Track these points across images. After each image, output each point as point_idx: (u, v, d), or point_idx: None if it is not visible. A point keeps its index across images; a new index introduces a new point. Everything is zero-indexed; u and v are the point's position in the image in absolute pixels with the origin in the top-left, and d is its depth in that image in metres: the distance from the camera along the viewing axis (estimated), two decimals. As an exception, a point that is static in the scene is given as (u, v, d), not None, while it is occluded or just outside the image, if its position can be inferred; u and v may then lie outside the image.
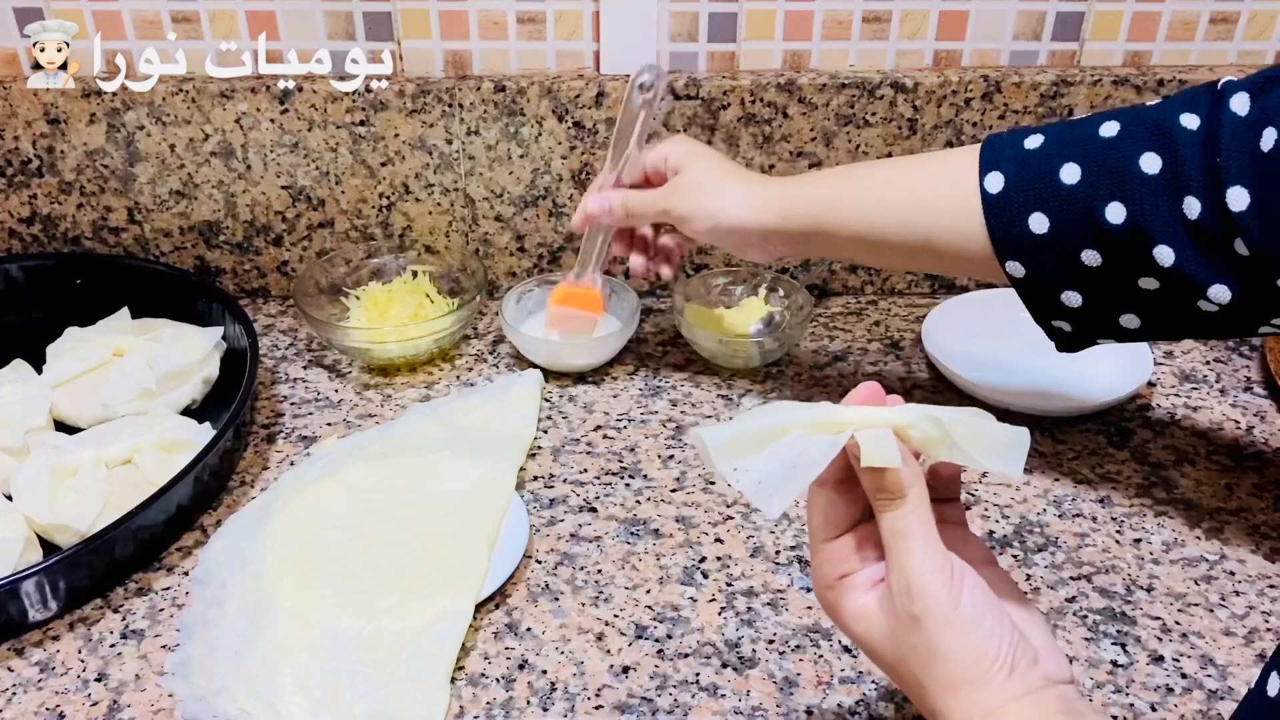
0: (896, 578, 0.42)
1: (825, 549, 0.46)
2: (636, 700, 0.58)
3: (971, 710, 0.41)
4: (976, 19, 0.87)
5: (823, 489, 0.45)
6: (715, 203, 0.70)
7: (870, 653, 0.45)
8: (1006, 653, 0.41)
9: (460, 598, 0.62)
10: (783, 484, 0.42)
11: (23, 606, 0.61)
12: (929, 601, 0.41)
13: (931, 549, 0.42)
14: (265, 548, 0.66)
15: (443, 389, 0.85)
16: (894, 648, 0.43)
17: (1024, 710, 0.41)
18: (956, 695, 0.41)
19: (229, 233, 0.93)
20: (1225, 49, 0.89)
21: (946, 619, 0.41)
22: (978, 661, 0.41)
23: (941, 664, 0.41)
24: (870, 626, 0.44)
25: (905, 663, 0.43)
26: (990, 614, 0.42)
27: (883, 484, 0.43)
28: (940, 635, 0.41)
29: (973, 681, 0.41)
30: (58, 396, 0.78)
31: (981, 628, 0.41)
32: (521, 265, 0.95)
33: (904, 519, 0.43)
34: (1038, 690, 0.41)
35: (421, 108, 0.86)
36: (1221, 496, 0.73)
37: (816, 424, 0.43)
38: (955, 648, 0.41)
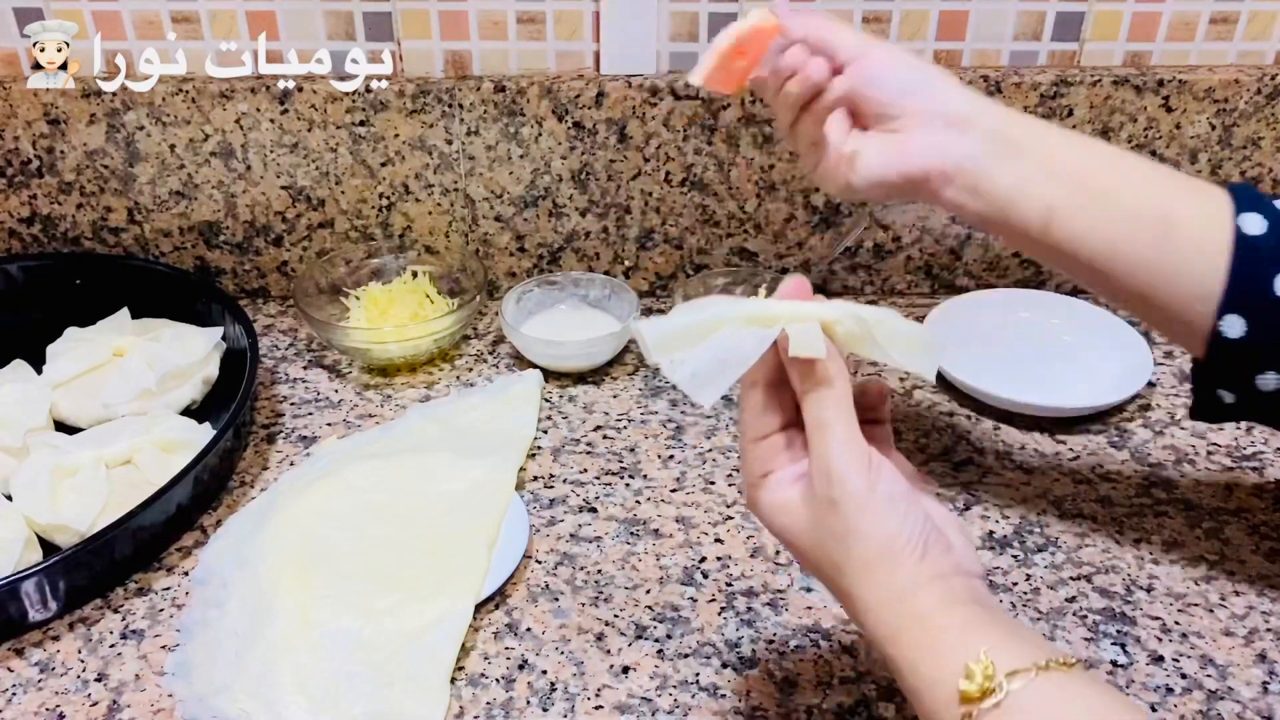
0: (817, 465, 0.44)
1: (754, 448, 0.47)
2: (636, 700, 0.58)
3: (883, 590, 0.43)
4: (976, 19, 0.87)
5: (755, 389, 0.47)
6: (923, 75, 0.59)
7: (791, 544, 0.47)
8: (919, 537, 0.44)
9: (460, 598, 0.62)
10: (715, 376, 0.45)
11: (23, 606, 0.61)
12: (846, 485, 0.43)
13: (851, 439, 0.44)
14: (265, 548, 0.66)
15: (443, 389, 0.85)
16: (813, 535, 0.45)
17: (933, 592, 0.43)
18: (871, 575, 0.43)
19: (229, 233, 0.93)
20: (1225, 49, 0.89)
21: (862, 502, 0.43)
22: (891, 543, 0.43)
23: (857, 544, 0.43)
24: (791, 518, 0.46)
25: (824, 548, 0.45)
26: (904, 501, 0.44)
27: (809, 375, 0.45)
28: (856, 517, 0.43)
29: (886, 562, 0.43)
30: (58, 396, 0.78)
31: (896, 512, 0.44)
32: (521, 265, 0.95)
33: (827, 410, 0.44)
34: (948, 576, 0.43)
35: (421, 108, 0.86)
36: (1221, 497, 0.73)
37: (749, 318, 0.45)
38: (870, 529, 0.43)
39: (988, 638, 0.41)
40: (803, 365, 0.45)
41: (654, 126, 0.87)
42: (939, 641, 0.42)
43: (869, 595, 0.44)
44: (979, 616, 0.42)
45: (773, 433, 0.47)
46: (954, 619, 0.42)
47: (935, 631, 0.42)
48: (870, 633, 0.44)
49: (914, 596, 0.43)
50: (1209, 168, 0.91)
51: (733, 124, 0.87)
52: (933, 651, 0.42)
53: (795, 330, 0.45)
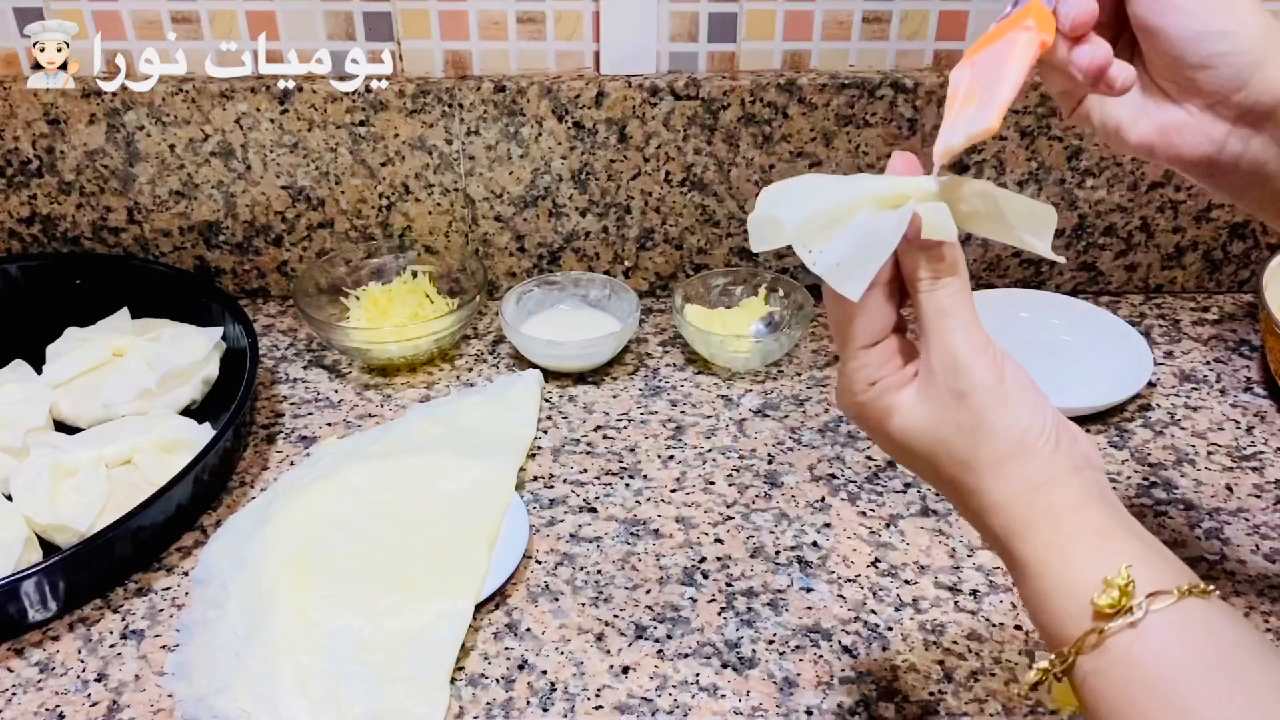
0: (940, 356, 0.42)
1: (862, 355, 0.44)
2: (636, 700, 0.58)
3: (1019, 483, 0.41)
4: (977, 19, 0.87)
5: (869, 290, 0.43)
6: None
7: (904, 449, 0.44)
8: (1051, 426, 0.41)
9: (460, 598, 0.62)
10: (859, 264, 0.42)
11: (22, 606, 0.61)
12: (975, 375, 0.41)
13: (976, 328, 0.42)
14: (265, 548, 0.66)
15: (443, 389, 0.85)
16: (935, 432, 0.42)
17: (1072, 486, 0.41)
18: (1004, 469, 0.41)
19: (229, 233, 0.93)
20: (1225, 49, 0.88)
21: (993, 392, 0.41)
22: (1024, 435, 0.41)
23: (989, 439, 0.41)
24: (909, 417, 0.43)
25: (948, 445, 0.42)
26: (1032, 391, 0.42)
27: (937, 260, 0.42)
28: (987, 409, 0.41)
29: (1020, 455, 0.41)
30: (58, 396, 0.78)
31: (1026, 401, 0.41)
32: (521, 265, 0.95)
33: (951, 296, 0.42)
34: (1082, 469, 0.41)
35: (421, 108, 0.86)
36: (1221, 497, 0.73)
37: (880, 199, 0.42)
38: (1002, 420, 0.41)
39: (1129, 550, 0.39)
40: (929, 250, 0.42)
41: (654, 126, 0.87)
42: (1075, 544, 0.40)
43: (1000, 490, 0.41)
44: (1117, 523, 0.40)
45: (885, 337, 0.44)
46: (1091, 521, 0.40)
47: (1070, 533, 0.40)
48: (995, 532, 0.42)
49: (1050, 489, 0.40)
50: (1209, 168, 0.91)
51: (733, 124, 0.87)
52: (1068, 553, 0.40)
53: (927, 210, 0.42)
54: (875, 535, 0.69)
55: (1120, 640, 0.37)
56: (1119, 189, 0.91)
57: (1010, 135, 0.89)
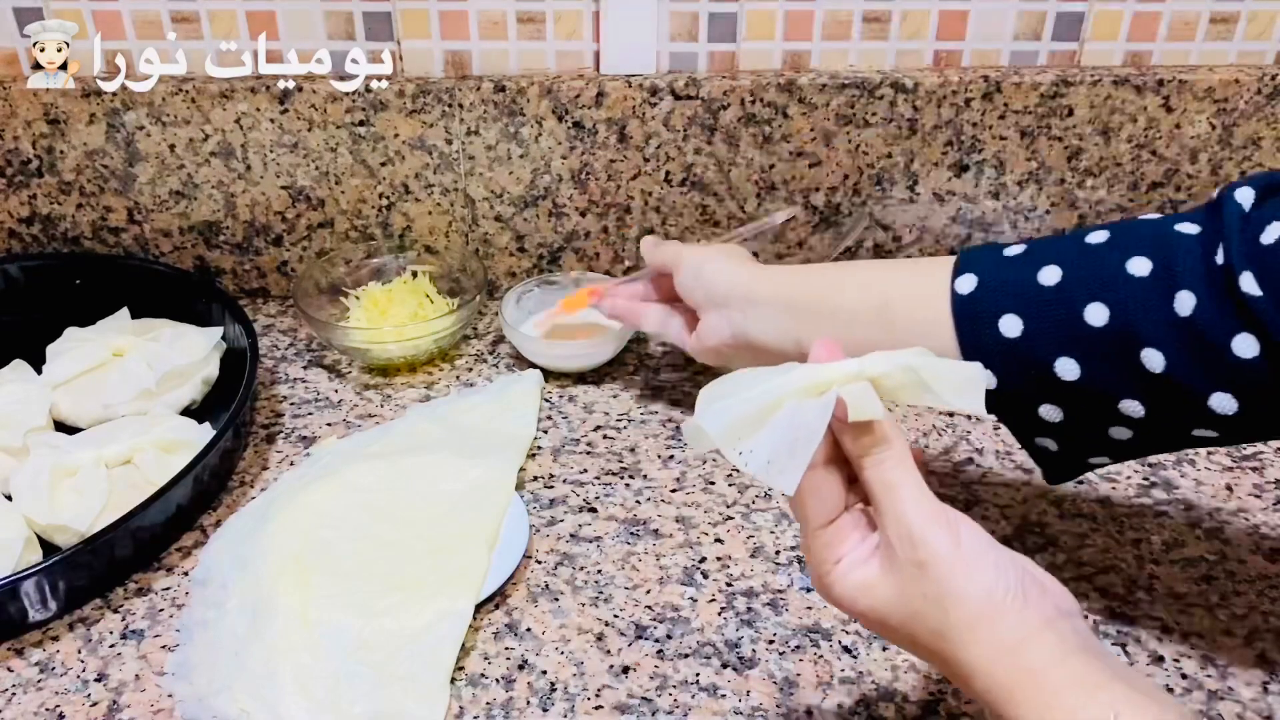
0: (895, 530, 0.42)
1: (822, 535, 0.45)
2: (636, 700, 0.58)
3: (994, 648, 0.41)
4: (976, 19, 0.87)
5: (812, 473, 0.44)
6: (703, 255, 0.70)
7: (881, 625, 0.44)
8: (1016, 583, 0.41)
9: (460, 598, 0.62)
10: (790, 457, 0.43)
11: (22, 607, 0.61)
12: (932, 545, 0.41)
13: (924, 496, 0.43)
14: (265, 548, 0.66)
15: (443, 389, 0.85)
16: (904, 605, 0.43)
17: (1046, 642, 0.40)
18: (976, 636, 0.41)
19: (229, 233, 0.93)
20: (1225, 49, 0.89)
21: (952, 559, 0.41)
22: (990, 595, 0.41)
23: (956, 606, 0.41)
24: (876, 594, 0.43)
25: (920, 618, 0.42)
26: (992, 550, 0.42)
27: (867, 437, 0.43)
28: (949, 577, 0.41)
29: (990, 617, 0.41)
30: (57, 396, 0.78)
31: (987, 562, 0.42)
32: (521, 265, 0.95)
33: (893, 470, 0.43)
34: (1055, 620, 0.41)
35: (421, 108, 0.86)
36: (1221, 497, 0.73)
37: (802, 389, 0.44)
38: (966, 586, 0.41)
39: (1113, 697, 0.39)
40: (860, 429, 0.43)
41: (654, 126, 0.87)
42: (1059, 701, 0.39)
43: (976, 656, 0.41)
44: (1097, 670, 0.40)
45: (839, 514, 0.45)
46: (1072, 674, 0.40)
47: (1053, 690, 0.39)
48: (983, 697, 0.41)
49: (1026, 650, 0.40)
50: (1209, 168, 0.91)
51: (733, 124, 0.88)
52: (1054, 712, 0.39)
53: (850, 393, 0.43)
54: (875, 535, 0.69)
55: None
56: (1119, 189, 0.91)
57: (1010, 135, 0.89)
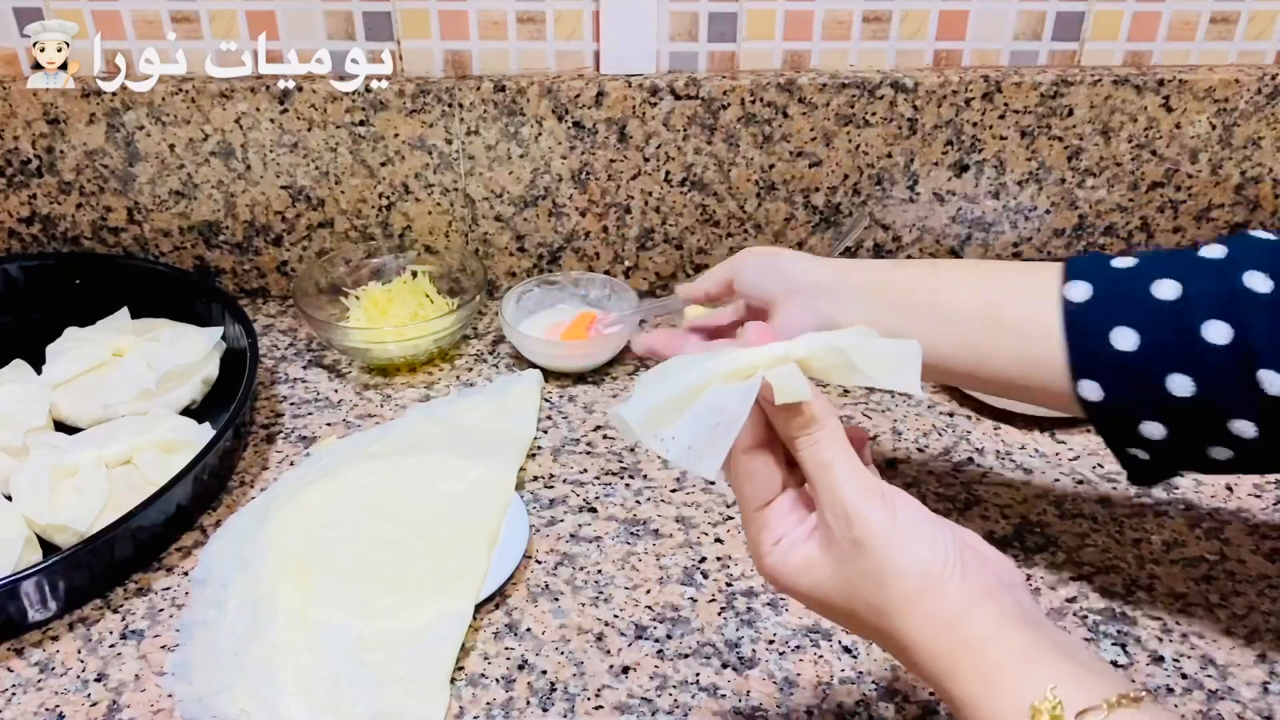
0: (830, 509, 0.43)
1: (759, 517, 0.45)
2: (636, 700, 0.58)
3: (933, 622, 0.41)
4: (976, 19, 0.87)
5: (746, 456, 0.45)
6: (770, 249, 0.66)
7: (823, 604, 0.44)
8: (955, 556, 0.41)
9: (460, 598, 0.62)
10: (710, 443, 0.43)
11: (22, 606, 0.61)
12: (867, 521, 0.42)
13: (858, 473, 0.43)
14: (265, 548, 0.66)
15: (442, 389, 0.85)
16: (844, 583, 0.43)
17: (986, 613, 0.40)
18: (916, 609, 0.41)
19: (229, 233, 0.93)
20: (1225, 49, 0.89)
21: (888, 535, 0.41)
22: (928, 569, 0.41)
23: (893, 581, 0.41)
24: (817, 573, 0.44)
25: (859, 595, 0.42)
26: (929, 524, 0.42)
27: (798, 419, 0.43)
28: (886, 551, 0.41)
29: (928, 591, 0.41)
30: (57, 396, 0.78)
31: (923, 536, 0.42)
32: (521, 265, 0.95)
33: (826, 449, 0.43)
34: (995, 591, 0.41)
35: (421, 108, 0.86)
36: (1221, 497, 0.73)
37: (727, 374, 0.44)
38: (903, 559, 0.41)
39: (1052, 670, 0.38)
40: (789, 411, 0.43)
41: (654, 126, 0.87)
42: (999, 673, 0.39)
43: (916, 630, 0.41)
44: (1037, 642, 0.40)
45: (775, 496, 0.45)
46: (1012, 646, 0.40)
47: (993, 662, 0.39)
48: (923, 671, 0.41)
49: (966, 621, 0.40)
50: (1209, 167, 0.91)
51: (733, 124, 0.87)
52: (993, 684, 0.39)
53: (775, 376, 0.43)
54: (875, 535, 0.69)
55: None
56: (1119, 189, 0.91)
57: (1010, 135, 0.89)
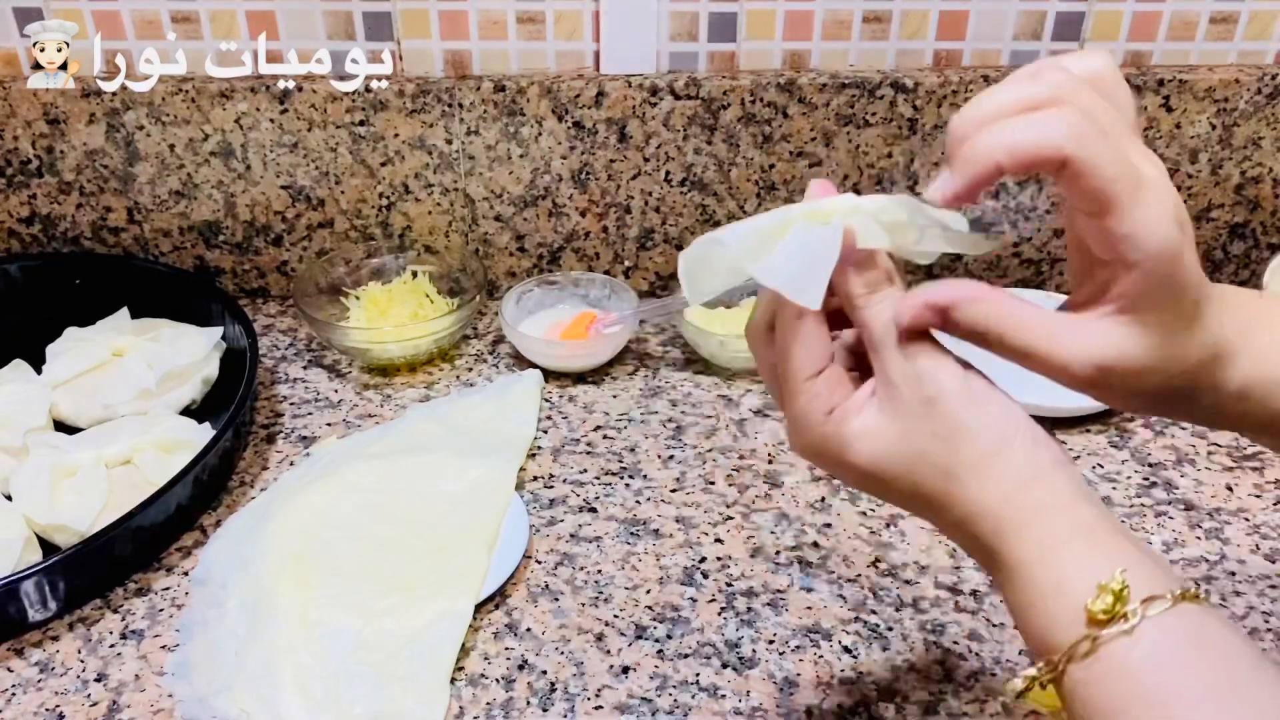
0: (898, 367, 0.40)
1: (809, 386, 0.42)
2: (636, 701, 0.58)
3: (1006, 482, 0.39)
4: (976, 19, 0.87)
5: (800, 320, 0.42)
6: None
7: (875, 475, 0.42)
8: (1025, 421, 0.40)
9: (460, 598, 0.62)
10: (811, 274, 0.40)
11: (22, 606, 0.61)
12: (941, 380, 0.40)
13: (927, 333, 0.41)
14: (265, 548, 0.66)
15: (442, 389, 0.85)
16: (908, 447, 0.40)
17: (1058, 481, 0.39)
18: (989, 468, 0.39)
19: (229, 233, 0.93)
20: (1226, 49, 0.89)
21: (963, 394, 0.40)
22: (1002, 431, 0.40)
23: (968, 439, 0.39)
24: (876, 440, 0.41)
25: (925, 458, 0.40)
26: (998, 390, 0.41)
27: (870, 273, 0.41)
28: (961, 409, 0.39)
29: (1003, 451, 0.39)
30: (57, 396, 0.78)
31: (996, 398, 0.40)
32: (521, 265, 0.95)
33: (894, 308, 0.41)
34: (1064, 462, 0.40)
35: (421, 108, 0.86)
36: (1222, 497, 0.73)
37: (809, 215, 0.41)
38: (979, 418, 0.39)
39: (1121, 552, 0.37)
40: (862, 265, 0.41)
41: (654, 126, 0.87)
42: (1066, 545, 0.38)
43: (987, 491, 0.39)
44: (1106, 522, 0.38)
45: (827, 364, 0.43)
46: (1081, 519, 0.38)
47: (1063, 532, 0.38)
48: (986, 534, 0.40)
49: (1038, 484, 0.39)
50: (1209, 168, 0.91)
51: (733, 124, 0.87)
52: (1058, 554, 0.38)
53: (855, 223, 0.40)
54: (875, 535, 0.69)
55: (1114, 648, 0.36)
56: (1119, 189, 0.91)
57: (1010, 135, 0.89)
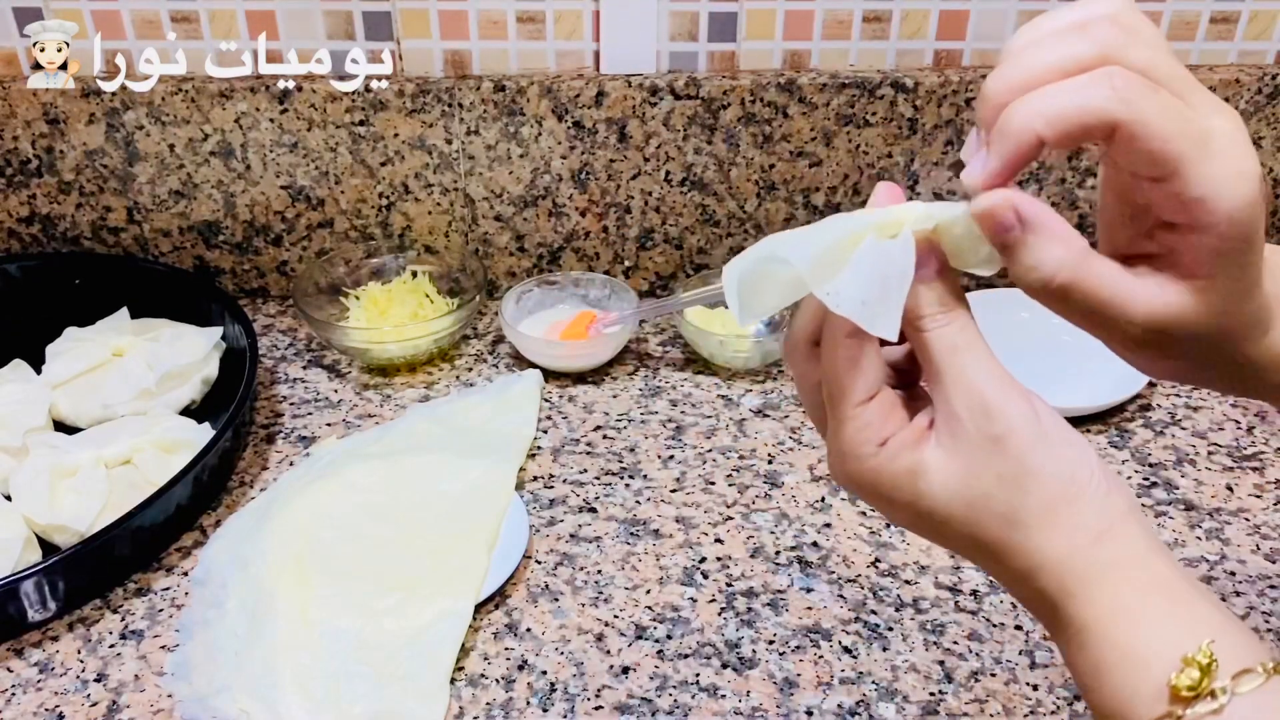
0: (964, 400, 0.36)
1: (862, 413, 0.38)
2: (636, 701, 0.58)
3: (1078, 534, 0.35)
4: (977, 19, 0.86)
5: (852, 339, 0.37)
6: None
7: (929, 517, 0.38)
8: (1099, 466, 0.36)
9: (460, 598, 0.62)
10: (884, 299, 0.36)
11: (22, 607, 0.61)
12: (1011, 417, 0.35)
13: (996, 363, 0.36)
14: (265, 548, 0.66)
15: (442, 389, 0.85)
16: (970, 489, 0.36)
17: (1130, 534, 0.35)
18: (1057, 520, 0.35)
19: (228, 233, 0.93)
20: (1226, 49, 0.89)
21: (1033, 433, 0.35)
22: (1074, 476, 0.35)
23: (1036, 485, 0.35)
24: (934, 479, 0.37)
25: (988, 502, 0.36)
26: (1070, 428, 0.37)
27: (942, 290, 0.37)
28: (1031, 452, 0.35)
29: (1073, 500, 0.35)
30: (57, 396, 0.78)
31: (1070, 440, 0.36)
32: (521, 265, 0.95)
33: (963, 330, 0.37)
34: (1137, 511, 0.36)
35: (421, 107, 0.86)
36: (1222, 497, 0.73)
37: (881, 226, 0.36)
38: (1049, 463, 0.35)
39: (1206, 618, 0.34)
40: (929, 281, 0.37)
41: (654, 126, 0.87)
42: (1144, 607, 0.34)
43: (1054, 543, 0.35)
44: (1184, 580, 0.35)
45: (881, 389, 0.38)
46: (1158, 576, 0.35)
47: (1139, 591, 0.34)
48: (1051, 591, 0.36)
49: (1111, 538, 0.35)
50: (1209, 167, 0.90)
51: (733, 124, 0.87)
52: (1135, 618, 0.34)
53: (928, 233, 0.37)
54: (875, 535, 0.69)
55: None
56: (1119, 189, 0.91)
57: (1010, 135, 0.89)
